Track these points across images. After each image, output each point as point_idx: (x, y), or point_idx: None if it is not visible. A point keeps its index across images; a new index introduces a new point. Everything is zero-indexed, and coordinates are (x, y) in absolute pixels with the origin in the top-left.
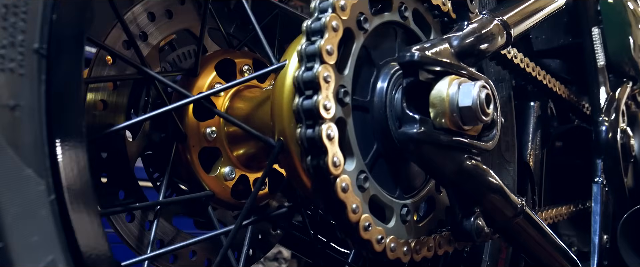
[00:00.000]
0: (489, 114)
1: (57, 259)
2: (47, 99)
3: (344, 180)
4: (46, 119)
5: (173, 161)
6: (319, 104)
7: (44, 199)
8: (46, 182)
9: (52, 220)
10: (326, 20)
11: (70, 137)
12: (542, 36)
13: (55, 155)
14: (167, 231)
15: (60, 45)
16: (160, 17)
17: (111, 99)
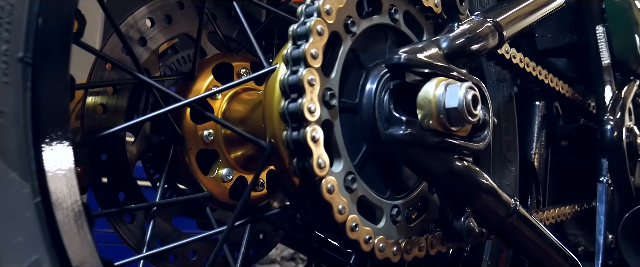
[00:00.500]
0: (476, 115)
1: (41, 259)
2: (33, 106)
3: (330, 181)
4: (32, 125)
5: (172, 163)
6: (303, 107)
7: (29, 201)
8: (31, 185)
9: (37, 222)
10: (311, 24)
11: (56, 141)
12: (547, 35)
13: (41, 159)
14: (167, 232)
15: (45, 54)
16: (160, 22)
17: (111, 102)
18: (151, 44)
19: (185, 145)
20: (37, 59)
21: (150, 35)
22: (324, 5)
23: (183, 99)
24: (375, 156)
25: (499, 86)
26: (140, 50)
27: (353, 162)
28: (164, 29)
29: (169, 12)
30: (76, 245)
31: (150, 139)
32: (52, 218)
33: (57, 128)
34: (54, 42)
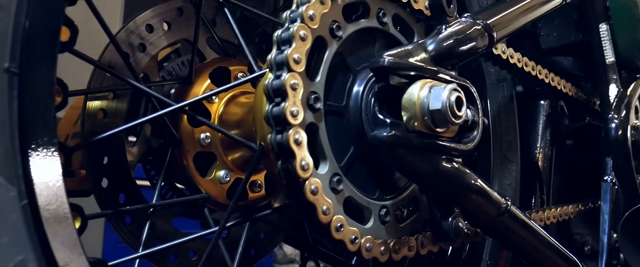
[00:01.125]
0: (460, 116)
1: (27, 259)
2: (20, 113)
3: (314, 183)
4: (19, 132)
5: (170, 165)
6: (286, 111)
7: (15, 204)
8: (18, 189)
9: (23, 223)
10: (294, 30)
11: (42, 147)
12: (552, 34)
13: (28, 164)
14: (167, 232)
15: (31, 64)
16: (159, 28)
17: (111, 107)
18: (151, 50)
19: (183, 148)
20: (23, 69)
21: (150, 40)
22: (307, 11)
23: (174, 104)
24: (363, 157)
25: (499, 86)
26: (140, 56)
27: (340, 164)
28: (164, 34)
29: (168, 18)
30: (62, 246)
31: (150, 142)
32: (38, 220)
33: (43, 134)
34: (39, 52)
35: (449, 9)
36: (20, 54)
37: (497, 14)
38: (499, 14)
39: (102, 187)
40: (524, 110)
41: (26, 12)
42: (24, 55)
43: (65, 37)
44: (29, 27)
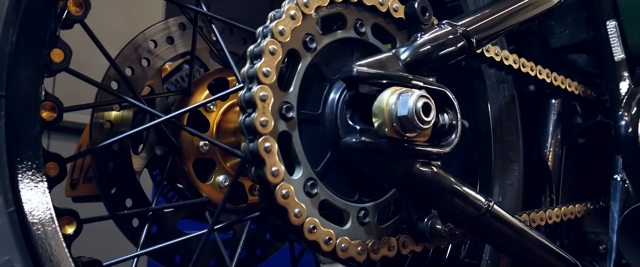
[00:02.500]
0: (428, 121)
1: (13, 259)
2: (7, 130)
3: (285, 187)
4: (6, 147)
5: (173, 171)
6: (255, 121)
7: (2, 210)
8: (5, 197)
9: (9, 227)
10: (263, 45)
11: (28, 160)
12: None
13: (15, 175)
14: (173, 233)
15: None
16: (162, 43)
17: (118, 118)
18: (155, 63)
19: (183, 155)
20: (9, 92)
21: (155, 54)
22: (277, 26)
23: (162, 115)
24: (339, 162)
25: (500, 87)
26: (145, 69)
27: (316, 169)
28: (167, 49)
29: (171, 34)
30: (47, 247)
31: (155, 150)
32: (24, 225)
33: (28, 149)
34: (24, 76)
35: (424, 17)
36: (6, 78)
37: (478, 20)
38: (479, 20)
39: (110, 192)
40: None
41: (11, 41)
42: (9, 80)
43: (59, 59)
44: (14, 55)
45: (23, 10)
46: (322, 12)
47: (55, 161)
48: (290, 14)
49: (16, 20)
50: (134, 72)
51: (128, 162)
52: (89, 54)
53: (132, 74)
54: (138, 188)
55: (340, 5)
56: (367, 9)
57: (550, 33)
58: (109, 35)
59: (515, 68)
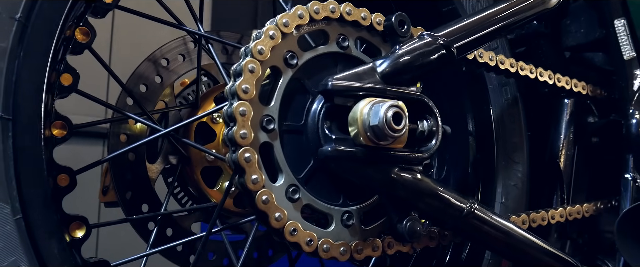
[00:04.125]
0: (399, 130)
1: (19, 259)
2: (14, 149)
3: (265, 194)
4: (13, 163)
5: (184, 179)
6: (235, 134)
7: (9, 218)
8: (12, 206)
9: (16, 232)
10: (243, 64)
11: (33, 173)
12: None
13: (20, 187)
14: (187, 235)
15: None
16: (174, 60)
17: (133, 130)
18: (168, 79)
19: (192, 164)
20: (14, 115)
21: (170, 69)
22: (256, 46)
23: (162, 129)
24: (323, 169)
25: (502, 90)
26: (158, 85)
27: (299, 176)
28: (180, 65)
29: (182, 51)
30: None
31: (169, 159)
32: (30, 229)
33: (32, 163)
34: (27, 101)
35: (402, 30)
36: (13, 104)
37: (460, 30)
38: (461, 30)
39: (126, 198)
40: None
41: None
42: (15, 105)
43: (67, 82)
44: (19, 83)
45: (26, 44)
46: (303, 30)
47: (66, 173)
48: (269, 34)
49: (20, 53)
50: (148, 88)
51: (143, 171)
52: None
53: (146, 90)
54: (153, 194)
55: (321, 22)
56: (349, 24)
57: (565, 32)
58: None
59: (512, 72)
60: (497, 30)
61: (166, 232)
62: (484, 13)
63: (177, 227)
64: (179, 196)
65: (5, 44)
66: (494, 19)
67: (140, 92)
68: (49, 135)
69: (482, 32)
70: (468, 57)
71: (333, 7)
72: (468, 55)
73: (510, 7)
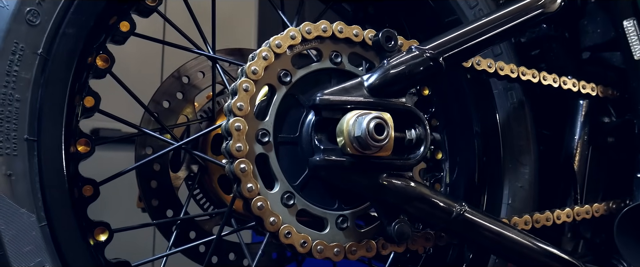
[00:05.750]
0: (381, 140)
1: (44, 260)
2: (39, 166)
3: (260, 200)
4: (39, 178)
5: (203, 186)
6: (231, 147)
7: (35, 225)
8: (38, 215)
9: (41, 237)
10: (238, 83)
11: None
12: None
13: (46, 198)
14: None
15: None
16: (195, 77)
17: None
18: (189, 95)
19: (209, 172)
20: (39, 136)
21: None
22: (250, 67)
23: (174, 143)
24: (317, 176)
25: (507, 94)
26: (180, 101)
27: (294, 183)
28: (199, 81)
29: (202, 69)
30: (73, 251)
31: (190, 168)
32: (54, 235)
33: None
34: (49, 124)
35: (389, 45)
36: (37, 127)
37: (449, 41)
38: (450, 41)
39: (153, 205)
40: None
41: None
42: (39, 128)
43: (90, 104)
44: (40, 109)
45: (47, 76)
46: (296, 50)
47: (90, 184)
48: (262, 55)
49: (42, 83)
50: (171, 104)
51: (167, 180)
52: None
53: (169, 106)
54: (177, 200)
55: (314, 41)
56: (342, 41)
57: (583, 32)
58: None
59: (513, 77)
60: (490, 39)
61: (189, 235)
62: (475, 23)
63: (199, 230)
64: (201, 201)
65: (29, 75)
66: (486, 28)
67: (163, 107)
68: (74, 151)
69: (472, 42)
70: (465, 65)
71: (325, 27)
72: (464, 63)
73: (505, 16)
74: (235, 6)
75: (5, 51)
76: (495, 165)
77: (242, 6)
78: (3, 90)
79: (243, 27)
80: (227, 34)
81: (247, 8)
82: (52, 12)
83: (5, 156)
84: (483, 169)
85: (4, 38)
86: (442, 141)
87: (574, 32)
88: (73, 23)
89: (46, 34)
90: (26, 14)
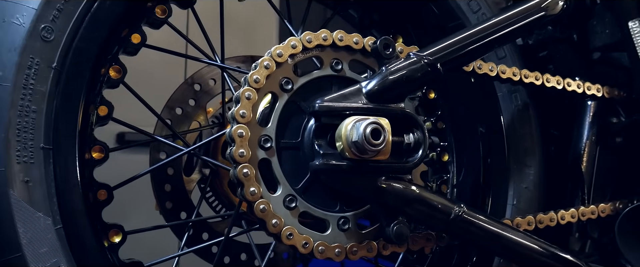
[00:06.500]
0: (377, 144)
1: (59, 261)
2: (54, 173)
3: (262, 203)
4: (54, 184)
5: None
6: (234, 153)
7: (51, 228)
8: (53, 219)
9: (57, 239)
10: (240, 92)
11: (70, 191)
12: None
13: (61, 202)
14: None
15: (59, 142)
16: (206, 84)
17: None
18: (201, 102)
19: (220, 176)
20: (54, 145)
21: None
22: (252, 76)
23: (183, 149)
24: (318, 180)
25: (511, 97)
26: (192, 108)
27: (297, 186)
28: (211, 88)
29: (213, 76)
30: (87, 252)
31: (203, 172)
32: (69, 237)
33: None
34: (64, 134)
35: (386, 52)
36: (53, 136)
37: (446, 48)
38: (448, 47)
39: (167, 208)
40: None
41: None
42: (54, 137)
43: (104, 113)
44: (55, 120)
45: (62, 88)
46: (297, 58)
47: (104, 189)
48: (264, 64)
49: (57, 95)
50: (184, 110)
51: (181, 183)
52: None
53: (182, 113)
54: (190, 203)
55: (314, 49)
56: (342, 48)
57: (592, 33)
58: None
59: (515, 80)
60: (489, 43)
61: (202, 236)
62: (474, 28)
63: (212, 231)
64: (214, 204)
65: (44, 88)
66: (485, 33)
67: (176, 114)
68: (89, 158)
69: (470, 47)
70: (466, 69)
71: (325, 36)
72: (465, 67)
73: (505, 20)
74: (256, 10)
75: (22, 66)
76: (500, 166)
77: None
78: (20, 103)
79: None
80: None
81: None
82: (65, 29)
83: (23, 164)
84: (488, 171)
85: (20, 54)
86: (449, 143)
87: (584, 33)
88: (85, 38)
89: (60, 48)
90: (41, 30)
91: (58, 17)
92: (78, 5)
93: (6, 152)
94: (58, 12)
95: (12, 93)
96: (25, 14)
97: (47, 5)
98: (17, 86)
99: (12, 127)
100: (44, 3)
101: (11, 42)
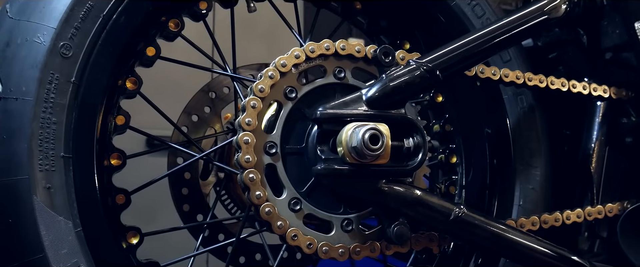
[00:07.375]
0: (376, 149)
1: (79, 261)
2: (74, 179)
3: (268, 206)
4: (74, 189)
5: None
6: (240, 159)
7: (71, 231)
8: (73, 222)
9: (77, 241)
10: (246, 101)
11: (89, 197)
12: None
13: (81, 207)
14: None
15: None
16: (221, 92)
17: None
18: (216, 109)
19: (233, 179)
20: (73, 155)
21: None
22: (257, 86)
23: (196, 155)
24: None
25: (517, 99)
26: (208, 115)
27: (301, 190)
28: (225, 96)
29: (227, 84)
30: (105, 252)
31: (218, 176)
32: (88, 239)
33: (88, 192)
34: (82, 144)
35: (386, 60)
36: (72, 146)
37: (446, 54)
38: (447, 54)
39: (184, 211)
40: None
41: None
42: (74, 146)
43: (121, 122)
44: (75, 130)
45: (80, 100)
46: (301, 68)
47: (123, 193)
48: (268, 74)
49: (76, 107)
50: (200, 117)
51: (197, 187)
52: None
53: (198, 120)
54: (206, 205)
55: (318, 59)
56: (345, 57)
57: (603, 33)
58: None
59: (519, 83)
60: (489, 48)
61: (218, 237)
62: (474, 35)
63: (227, 232)
64: (229, 206)
65: (64, 101)
66: (485, 39)
67: (192, 121)
68: (108, 164)
69: (470, 53)
70: (468, 74)
71: (328, 45)
72: (468, 72)
73: (506, 25)
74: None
75: (43, 81)
76: (506, 168)
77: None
78: (42, 115)
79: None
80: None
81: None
82: (83, 45)
83: (45, 172)
84: (495, 172)
85: (41, 70)
86: (457, 145)
87: (595, 33)
88: (102, 53)
89: (78, 64)
90: (60, 48)
91: (76, 35)
92: (94, 23)
93: (29, 161)
94: (76, 30)
95: (34, 106)
96: (45, 33)
97: (66, 24)
98: (38, 100)
99: (35, 138)
100: (63, 22)
101: (33, 59)
